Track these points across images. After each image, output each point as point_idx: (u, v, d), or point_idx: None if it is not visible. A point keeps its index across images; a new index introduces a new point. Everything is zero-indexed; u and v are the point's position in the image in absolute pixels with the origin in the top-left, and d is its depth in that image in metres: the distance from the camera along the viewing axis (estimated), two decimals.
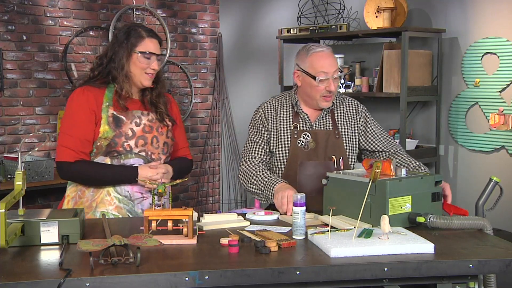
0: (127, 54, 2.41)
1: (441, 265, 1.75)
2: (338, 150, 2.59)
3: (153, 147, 2.47)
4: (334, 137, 2.60)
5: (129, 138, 2.41)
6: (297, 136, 2.58)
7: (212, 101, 5.95)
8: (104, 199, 2.41)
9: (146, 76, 2.44)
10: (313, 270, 1.70)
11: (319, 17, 4.92)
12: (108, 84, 2.44)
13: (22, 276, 1.61)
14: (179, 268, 1.68)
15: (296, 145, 2.57)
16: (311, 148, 2.57)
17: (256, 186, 2.52)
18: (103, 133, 2.38)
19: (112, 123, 2.39)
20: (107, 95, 2.42)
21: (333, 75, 2.53)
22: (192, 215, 1.97)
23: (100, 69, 2.44)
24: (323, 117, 2.64)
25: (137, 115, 2.45)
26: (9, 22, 4.63)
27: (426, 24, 4.26)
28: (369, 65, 4.55)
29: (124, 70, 2.41)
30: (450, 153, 4.20)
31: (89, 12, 5.07)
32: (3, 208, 1.71)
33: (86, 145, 2.40)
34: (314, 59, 2.54)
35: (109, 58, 2.43)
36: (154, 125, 2.48)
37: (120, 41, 2.42)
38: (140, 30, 2.45)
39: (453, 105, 4.14)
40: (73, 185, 2.48)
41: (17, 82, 4.72)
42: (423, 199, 2.14)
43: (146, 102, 2.50)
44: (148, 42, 2.44)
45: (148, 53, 2.42)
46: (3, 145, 4.66)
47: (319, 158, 2.57)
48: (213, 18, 5.92)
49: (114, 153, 2.40)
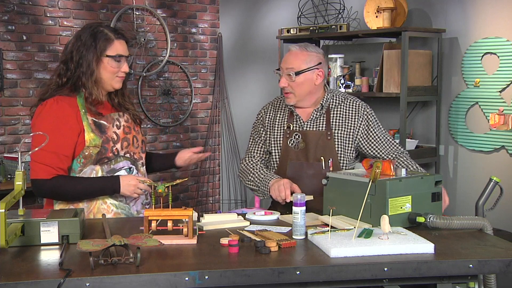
0: (96, 58, 2.28)
1: (441, 265, 1.75)
2: (328, 151, 2.57)
3: (134, 147, 2.43)
4: (326, 138, 2.58)
5: (116, 142, 2.35)
6: (289, 136, 2.61)
7: (212, 101, 5.95)
8: (101, 208, 2.35)
9: (117, 79, 2.34)
10: (313, 270, 1.70)
11: (319, 17, 4.92)
12: (77, 91, 2.31)
13: (22, 276, 1.61)
14: (179, 268, 1.68)
15: (287, 145, 2.61)
16: (301, 148, 2.59)
17: (253, 182, 2.61)
18: (90, 141, 2.28)
19: (96, 129, 2.30)
20: (79, 101, 2.30)
21: (285, 72, 2.55)
22: (192, 215, 1.97)
23: (69, 75, 2.29)
24: (317, 118, 2.62)
25: (116, 118, 2.38)
26: (9, 22, 4.63)
27: (426, 24, 4.26)
28: (369, 65, 4.54)
29: (94, 75, 2.28)
30: (450, 153, 4.21)
31: (89, 12, 5.07)
32: (3, 208, 1.71)
33: (64, 161, 2.27)
34: None
35: (76, 63, 2.28)
36: (131, 125, 2.43)
37: (87, 44, 2.28)
38: (107, 31, 2.32)
39: (453, 105, 4.14)
40: None
41: (17, 82, 4.72)
42: (423, 199, 2.14)
43: (115, 105, 2.43)
44: (117, 44, 2.32)
45: (118, 56, 2.31)
46: (3, 145, 4.66)
47: (308, 158, 2.58)
48: (213, 18, 5.92)
49: (104, 159, 2.33)
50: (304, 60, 2.54)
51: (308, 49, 2.57)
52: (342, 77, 4.44)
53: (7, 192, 1.87)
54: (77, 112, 2.29)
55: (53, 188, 2.27)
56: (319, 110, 2.62)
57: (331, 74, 4.55)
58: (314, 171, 2.55)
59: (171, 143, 5.69)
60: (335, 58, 4.54)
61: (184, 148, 3.15)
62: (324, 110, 2.63)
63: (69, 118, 2.27)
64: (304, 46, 2.59)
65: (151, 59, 5.47)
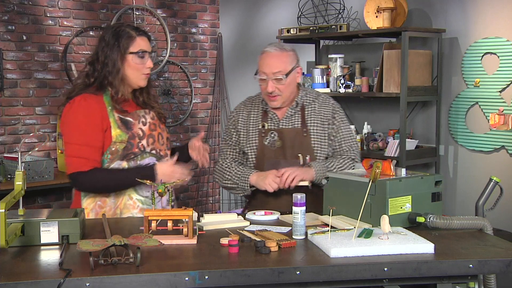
0: (121, 56, 2.34)
1: (441, 265, 1.75)
2: (305, 149, 2.59)
3: (159, 144, 2.48)
4: (302, 135, 2.60)
5: (142, 138, 2.40)
6: (264, 135, 2.61)
7: (212, 101, 5.95)
8: (127, 204, 2.39)
9: (142, 77, 2.41)
10: (313, 270, 1.71)
11: (319, 17, 4.92)
12: (103, 89, 2.38)
13: (22, 276, 1.61)
14: (179, 268, 1.68)
15: (263, 144, 2.61)
16: (278, 146, 2.59)
17: (231, 180, 2.62)
18: (116, 137, 2.34)
19: (122, 126, 2.36)
20: (106, 99, 2.37)
21: (271, 76, 2.51)
22: (192, 215, 1.97)
23: (96, 75, 2.37)
24: (292, 115, 2.63)
25: (141, 115, 2.44)
26: (9, 22, 4.63)
27: (426, 24, 4.26)
28: (369, 65, 4.55)
29: (120, 73, 2.35)
30: (450, 153, 4.21)
31: (89, 12, 5.07)
32: (3, 208, 1.71)
33: (97, 153, 2.33)
34: (260, 59, 2.58)
35: (102, 63, 2.35)
36: (156, 122, 2.49)
37: (110, 43, 2.35)
38: (128, 29, 2.38)
39: (453, 105, 4.14)
40: (88, 196, 2.40)
41: (17, 82, 4.71)
42: (423, 199, 2.14)
43: (140, 103, 2.48)
44: (139, 40, 2.38)
45: (142, 52, 2.38)
46: (3, 145, 4.66)
47: (285, 156, 2.58)
48: (213, 18, 5.92)
49: (131, 155, 2.38)
50: (287, 61, 2.54)
51: (286, 49, 2.58)
52: (342, 77, 4.44)
53: (7, 192, 1.87)
54: (104, 109, 2.35)
55: (93, 180, 2.32)
56: (294, 107, 2.62)
57: (331, 74, 4.55)
58: None
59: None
60: (335, 58, 4.54)
61: None
62: (299, 108, 2.64)
63: (96, 114, 2.33)
64: (279, 46, 2.58)
65: None
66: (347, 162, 2.61)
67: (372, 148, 4.31)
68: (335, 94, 4.49)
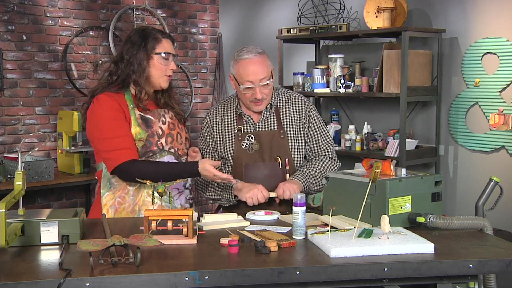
0: (147, 56, 2.41)
1: (441, 265, 1.75)
2: (283, 151, 2.58)
3: (178, 143, 2.52)
4: (279, 137, 2.58)
5: (161, 137, 2.44)
6: (241, 139, 2.57)
7: (212, 101, 5.95)
8: (146, 201, 2.42)
9: (165, 78, 2.46)
10: (313, 270, 1.70)
11: (319, 17, 4.92)
12: (125, 88, 2.44)
13: (22, 276, 1.61)
14: (179, 268, 1.68)
15: (241, 148, 2.57)
16: (256, 150, 2.56)
17: (214, 192, 2.59)
18: (136, 134, 2.39)
19: (142, 124, 2.41)
20: (128, 98, 2.43)
21: (259, 83, 2.48)
22: (192, 215, 1.97)
23: (119, 73, 2.43)
24: (267, 118, 2.61)
25: (162, 114, 2.49)
26: (9, 22, 4.63)
27: (426, 24, 4.26)
28: (369, 65, 4.55)
29: (145, 73, 2.41)
30: (450, 153, 4.21)
31: (89, 12, 5.07)
32: (3, 208, 1.71)
33: (134, 142, 2.39)
34: (240, 67, 2.51)
35: (126, 62, 2.41)
36: (175, 122, 2.54)
37: (136, 44, 2.41)
38: (155, 32, 2.47)
39: (453, 105, 4.14)
40: (109, 192, 2.41)
41: (17, 82, 4.72)
42: (423, 199, 2.14)
43: (161, 104, 2.53)
44: (165, 43, 2.46)
45: (167, 53, 2.44)
46: (3, 145, 4.66)
47: (264, 159, 2.56)
48: (213, 18, 5.92)
49: (149, 153, 2.41)
50: (268, 64, 2.53)
51: (261, 52, 2.54)
52: (342, 77, 4.44)
53: (7, 192, 1.87)
54: (125, 106, 2.41)
55: (141, 168, 2.35)
56: (268, 109, 2.60)
57: (331, 74, 4.55)
58: (270, 171, 2.55)
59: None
60: (335, 58, 4.54)
61: None
62: (273, 109, 2.62)
63: (120, 109, 2.39)
64: (256, 50, 2.53)
65: None
66: (327, 163, 2.62)
67: (372, 148, 4.31)
68: (335, 94, 4.49)
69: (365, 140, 4.42)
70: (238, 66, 2.52)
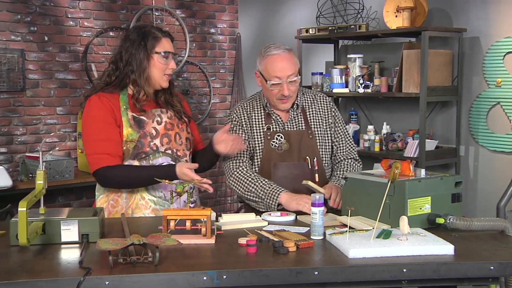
0: (147, 56, 2.37)
1: (461, 267, 1.73)
2: (311, 151, 2.57)
3: (177, 143, 2.47)
4: (308, 137, 2.58)
5: (154, 137, 2.40)
6: (270, 138, 2.55)
7: (231, 101, 5.96)
8: (139, 204, 2.40)
9: (165, 78, 2.42)
10: (331, 270, 1.70)
11: (338, 17, 4.90)
12: (121, 89, 2.40)
13: (43, 274, 1.63)
14: (197, 267, 1.69)
15: (270, 147, 2.54)
16: (285, 149, 2.55)
17: (255, 194, 2.46)
18: (127, 136, 2.36)
19: (134, 125, 2.37)
20: (122, 98, 2.39)
21: (287, 79, 2.47)
22: (211, 215, 1.97)
23: (117, 73, 2.39)
24: (295, 117, 2.60)
25: (157, 114, 2.44)
26: (31, 23, 4.69)
27: (447, 23, 4.22)
28: (388, 65, 4.51)
29: (146, 72, 2.37)
30: (471, 153, 4.16)
31: (109, 13, 5.11)
32: (24, 206, 1.73)
33: (118, 147, 2.35)
34: (268, 62, 2.49)
35: (125, 62, 2.38)
36: (174, 122, 2.48)
37: (136, 43, 2.37)
38: (154, 30, 2.42)
39: (474, 105, 4.10)
40: (103, 195, 2.42)
41: (39, 83, 4.78)
42: (442, 200, 2.12)
43: (161, 102, 2.49)
44: (164, 41, 2.41)
45: (167, 52, 2.40)
46: (25, 144, 4.73)
47: (293, 159, 2.55)
48: (231, 18, 5.93)
49: (142, 154, 2.38)
50: (296, 61, 2.53)
51: (289, 48, 2.54)
52: (361, 77, 4.41)
53: (28, 191, 1.89)
54: (117, 107, 2.38)
55: (117, 175, 2.33)
56: (295, 109, 2.60)
57: (350, 74, 4.53)
58: (300, 171, 2.53)
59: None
60: (354, 58, 4.52)
61: None
62: (300, 109, 2.62)
63: (110, 111, 2.36)
64: (283, 46, 2.53)
65: None
66: (355, 165, 2.64)
67: (391, 148, 4.28)
68: (354, 94, 4.47)
69: (384, 141, 4.39)
70: (266, 62, 2.50)
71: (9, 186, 4.06)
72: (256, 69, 2.58)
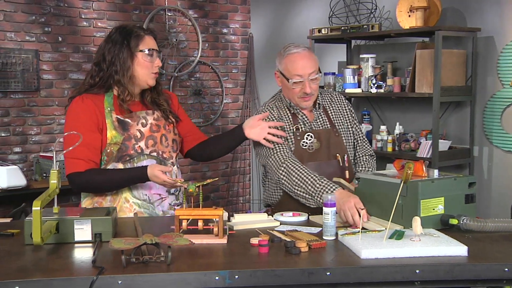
0: (131, 55, 2.33)
1: (475, 268, 1.72)
2: (340, 148, 2.59)
3: (163, 146, 2.43)
4: (334, 135, 2.60)
5: (139, 140, 2.37)
6: (300, 138, 2.55)
7: (243, 101, 5.97)
8: (123, 207, 2.37)
9: (151, 76, 2.38)
10: (343, 271, 1.69)
11: (351, 17, 4.89)
12: (106, 90, 2.37)
13: (57, 273, 1.65)
14: (209, 267, 1.69)
15: (300, 147, 2.54)
16: (315, 148, 2.55)
17: (303, 190, 2.35)
18: (111, 138, 2.32)
19: (119, 127, 2.33)
20: (107, 100, 2.36)
21: (309, 77, 2.48)
22: (223, 214, 1.98)
23: (101, 75, 2.35)
24: (319, 116, 2.62)
25: (142, 116, 2.40)
26: (45, 24, 4.73)
27: (461, 23, 4.19)
28: (401, 65, 4.49)
29: (130, 72, 2.33)
30: (485, 154, 4.12)
31: (122, 13, 5.14)
32: (38, 206, 1.75)
33: (94, 153, 2.31)
34: (289, 61, 2.50)
35: (108, 63, 2.33)
36: (160, 123, 2.44)
37: (118, 43, 2.33)
38: (136, 29, 2.38)
39: (488, 105, 4.06)
40: (88, 197, 2.40)
41: (53, 83, 4.82)
42: (456, 201, 2.10)
43: (147, 102, 2.45)
44: (148, 39, 2.38)
45: (151, 50, 2.37)
46: (39, 144, 4.77)
47: (323, 157, 2.55)
48: (244, 18, 5.94)
49: (126, 157, 2.35)
50: (316, 59, 2.56)
51: (308, 47, 2.58)
52: (373, 77, 4.39)
53: (42, 190, 1.91)
54: (101, 109, 2.34)
55: (87, 180, 2.30)
56: (317, 109, 2.61)
57: (363, 74, 4.51)
58: (332, 169, 2.54)
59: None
60: (366, 58, 4.50)
61: None
62: (321, 109, 2.63)
63: (93, 114, 2.32)
64: (302, 45, 2.56)
65: (182, 60, 5.52)
66: (373, 162, 2.71)
67: (404, 148, 4.26)
68: (367, 94, 4.45)
69: (396, 141, 4.37)
70: (287, 61, 2.51)
71: (23, 186, 4.10)
72: (276, 69, 2.58)
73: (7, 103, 4.59)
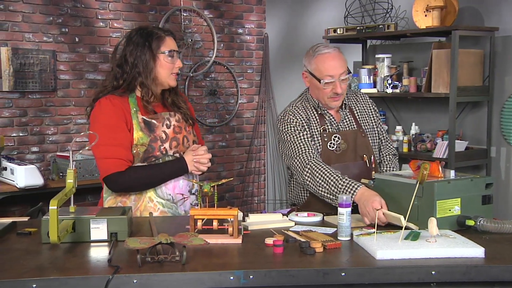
0: (153, 56, 2.36)
1: (492, 270, 1.70)
2: (366, 149, 2.58)
3: (184, 147, 2.45)
4: (361, 135, 2.59)
5: (164, 141, 2.39)
6: (327, 139, 2.54)
7: (258, 101, 5.97)
8: (148, 206, 2.39)
9: (172, 76, 2.41)
10: (358, 272, 1.69)
11: (366, 17, 4.86)
12: (130, 92, 2.39)
13: (73, 272, 1.66)
14: (224, 267, 1.70)
15: (327, 148, 2.53)
16: (343, 149, 2.54)
17: (327, 190, 2.34)
18: (138, 139, 2.34)
19: (145, 128, 2.36)
20: (131, 101, 2.38)
21: (340, 77, 2.48)
22: (238, 214, 1.98)
23: (125, 77, 2.38)
24: (346, 117, 2.61)
25: (166, 117, 2.43)
26: (62, 25, 4.78)
27: (478, 22, 4.14)
28: (417, 65, 4.46)
29: (152, 73, 2.36)
30: (502, 155, 4.08)
31: (138, 13, 5.17)
32: (55, 205, 1.76)
33: (129, 152, 2.34)
34: (320, 61, 2.49)
35: (131, 65, 2.36)
36: (182, 125, 2.47)
37: (140, 45, 2.36)
38: (156, 31, 2.40)
39: (506, 105, 4.02)
40: (111, 197, 2.41)
41: (69, 83, 4.86)
42: (472, 202, 2.08)
43: (167, 104, 2.48)
44: (168, 40, 2.40)
45: (172, 51, 2.39)
46: (56, 144, 4.82)
47: (350, 159, 2.54)
48: (259, 18, 5.94)
49: (152, 158, 2.37)
50: (345, 59, 2.56)
51: (339, 48, 2.57)
52: (389, 77, 4.37)
53: (59, 190, 1.93)
54: (128, 110, 2.37)
55: (130, 179, 2.32)
56: (343, 109, 2.61)
57: (378, 74, 4.49)
58: (359, 170, 2.52)
59: (217, 143, 5.74)
60: (382, 58, 4.48)
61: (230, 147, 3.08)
62: (347, 109, 2.63)
63: (122, 114, 2.35)
64: (331, 46, 2.57)
65: (198, 60, 5.54)
66: (394, 161, 2.71)
67: (420, 149, 4.23)
68: (382, 94, 4.43)
69: (412, 141, 4.34)
70: (317, 61, 2.51)
71: (40, 185, 4.14)
72: (304, 70, 2.58)
73: (25, 103, 4.65)
